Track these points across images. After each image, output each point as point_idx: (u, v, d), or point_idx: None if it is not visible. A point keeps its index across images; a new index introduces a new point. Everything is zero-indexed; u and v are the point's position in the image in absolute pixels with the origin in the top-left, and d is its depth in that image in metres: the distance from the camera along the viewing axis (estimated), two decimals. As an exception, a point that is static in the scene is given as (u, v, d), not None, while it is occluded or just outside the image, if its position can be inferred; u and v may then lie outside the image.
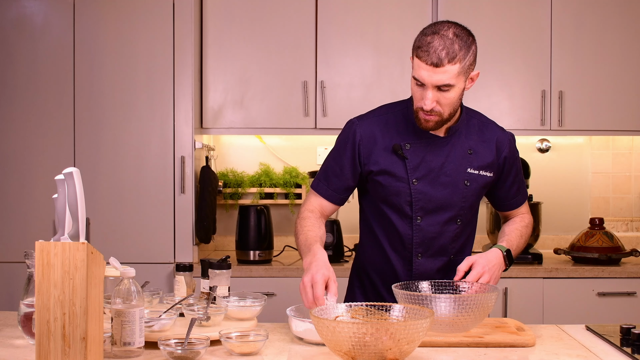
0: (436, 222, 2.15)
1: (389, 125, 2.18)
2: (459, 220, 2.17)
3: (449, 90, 2.01)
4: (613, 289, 3.36)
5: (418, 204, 2.13)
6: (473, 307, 1.82)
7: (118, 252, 3.22)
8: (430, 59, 1.98)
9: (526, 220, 2.33)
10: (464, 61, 2.00)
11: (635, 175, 3.98)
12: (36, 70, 3.35)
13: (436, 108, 2.04)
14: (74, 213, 1.61)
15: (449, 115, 2.08)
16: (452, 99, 2.03)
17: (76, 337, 1.54)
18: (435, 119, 2.06)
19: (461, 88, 2.04)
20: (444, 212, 2.15)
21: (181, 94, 3.35)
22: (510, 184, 2.27)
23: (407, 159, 2.13)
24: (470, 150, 2.17)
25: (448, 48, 1.97)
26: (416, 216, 2.14)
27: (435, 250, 2.17)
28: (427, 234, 2.15)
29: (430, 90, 2.01)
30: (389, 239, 2.19)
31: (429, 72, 1.99)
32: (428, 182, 2.13)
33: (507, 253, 2.14)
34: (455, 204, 2.15)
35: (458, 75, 2.00)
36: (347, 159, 2.19)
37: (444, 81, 1.99)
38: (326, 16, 3.56)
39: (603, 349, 1.84)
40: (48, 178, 3.27)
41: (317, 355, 1.74)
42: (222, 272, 2.07)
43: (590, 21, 3.59)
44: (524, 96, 3.59)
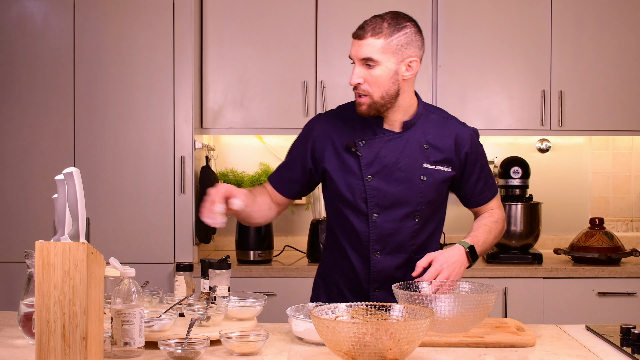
0: (392, 218, 2.14)
1: (346, 123, 2.19)
2: (417, 216, 2.16)
3: (375, 67, 2.04)
4: (613, 289, 3.36)
5: (373, 200, 2.13)
6: (473, 307, 1.82)
7: (118, 252, 3.21)
8: (358, 33, 2.06)
9: (496, 215, 2.29)
10: (391, 38, 2.03)
11: (635, 175, 3.98)
12: (36, 70, 3.35)
13: (363, 86, 2.06)
14: (74, 213, 1.61)
15: (381, 99, 2.07)
16: (378, 77, 2.05)
17: (76, 337, 1.54)
18: (366, 101, 2.07)
19: (390, 69, 2.05)
20: (400, 208, 2.14)
21: (181, 94, 3.35)
22: (475, 180, 2.24)
23: (360, 155, 2.13)
24: (427, 145, 2.15)
25: (376, 23, 2.05)
26: (372, 213, 2.14)
27: (393, 247, 2.16)
28: (384, 231, 2.15)
29: (357, 65, 2.06)
30: (348, 237, 2.19)
31: (355, 46, 2.07)
32: (382, 178, 2.13)
33: (470, 249, 2.12)
34: (411, 199, 2.14)
35: (383, 52, 2.03)
36: (299, 153, 2.22)
37: (366, 53, 2.03)
38: (326, 16, 3.56)
39: (603, 349, 1.84)
40: (48, 178, 3.27)
41: (317, 355, 1.74)
42: (222, 272, 2.07)
43: (590, 21, 3.59)
44: (524, 96, 3.59)
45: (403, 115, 2.14)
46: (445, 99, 3.60)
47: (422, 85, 3.57)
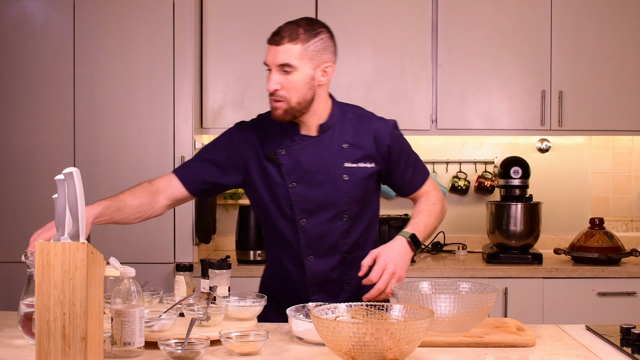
0: (320, 221, 2.15)
1: (266, 131, 2.20)
2: (345, 216, 2.16)
3: (292, 73, 2.05)
4: (613, 289, 3.36)
5: (299, 206, 2.14)
6: (473, 307, 1.82)
7: (118, 252, 3.21)
8: (274, 39, 2.06)
9: (432, 197, 2.27)
10: (307, 44, 2.05)
11: (635, 175, 3.98)
12: (36, 70, 3.35)
13: (280, 92, 2.06)
14: (74, 213, 1.61)
15: (298, 104, 2.08)
16: (296, 83, 2.06)
17: (76, 337, 1.54)
18: (283, 106, 2.08)
19: (307, 75, 2.07)
20: (326, 211, 2.15)
21: (181, 94, 3.35)
22: (403, 170, 2.24)
23: (282, 164, 2.15)
24: (346, 145, 2.16)
25: (292, 30, 2.06)
26: (299, 219, 2.15)
27: (325, 249, 2.17)
28: (313, 235, 2.16)
29: (274, 71, 2.06)
30: (280, 245, 2.21)
31: (271, 53, 2.06)
32: (305, 184, 2.14)
33: (411, 238, 2.11)
34: (336, 200, 2.15)
35: (301, 58, 2.04)
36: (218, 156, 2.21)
37: (283, 60, 2.04)
38: (326, 16, 3.56)
39: (603, 349, 1.84)
40: (48, 178, 3.27)
41: (317, 355, 1.74)
42: (222, 272, 2.07)
43: (590, 21, 3.59)
44: (524, 96, 3.59)
45: (319, 119, 2.16)
46: (445, 99, 3.60)
47: (422, 85, 3.58)
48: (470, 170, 3.93)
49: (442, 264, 3.49)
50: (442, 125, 3.60)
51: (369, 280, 2.05)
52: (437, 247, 3.83)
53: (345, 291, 2.21)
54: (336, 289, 2.21)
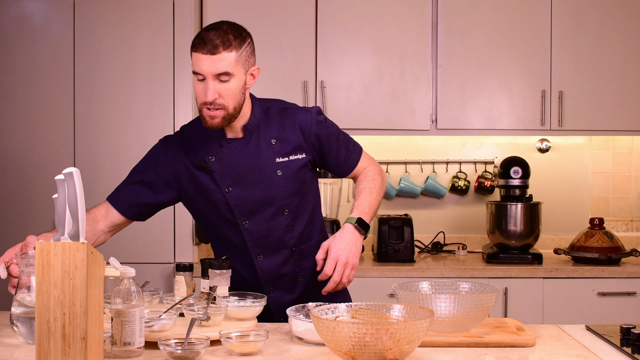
0: (262, 220, 2.16)
1: (191, 142, 2.19)
2: (286, 210, 2.17)
3: (229, 81, 2.04)
4: (613, 289, 3.36)
5: (238, 209, 2.15)
6: (473, 307, 1.82)
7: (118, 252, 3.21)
8: (207, 48, 2.01)
9: (370, 173, 2.27)
10: (240, 50, 2.05)
11: (635, 175, 3.98)
12: (36, 70, 3.35)
13: (219, 100, 2.05)
14: (74, 213, 1.61)
15: (234, 110, 2.09)
16: (233, 90, 2.05)
17: (76, 337, 1.54)
18: (221, 114, 2.07)
19: (242, 80, 2.07)
20: (266, 209, 2.16)
21: (181, 94, 3.35)
22: (336, 152, 2.24)
23: (213, 170, 2.15)
24: (274, 140, 2.17)
25: (223, 37, 2.02)
26: (241, 221, 2.16)
27: (272, 246, 2.19)
28: (258, 234, 2.17)
29: (210, 80, 2.03)
30: (228, 249, 2.21)
31: (207, 62, 2.02)
32: (241, 186, 2.14)
33: (358, 223, 2.12)
34: (274, 197, 2.15)
35: (236, 65, 2.04)
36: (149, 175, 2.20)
37: (222, 69, 2.02)
38: (326, 16, 3.56)
39: (603, 349, 1.84)
40: (48, 178, 3.27)
41: (317, 355, 1.74)
42: (222, 272, 2.07)
43: (590, 21, 3.59)
44: (524, 96, 3.59)
45: (243, 121, 2.16)
46: (445, 99, 3.60)
47: (422, 85, 3.58)
48: (470, 170, 3.93)
49: (442, 264, 3.49)
50: (442, 125, 3.60)
51: (324, 275, 2.06)
52: (437, 247, 3.83)
53: (299, 283, 2.23)
54: (290, 282, 2.22)
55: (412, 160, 3.91)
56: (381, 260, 3.51)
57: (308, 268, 2.22)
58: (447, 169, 3.93)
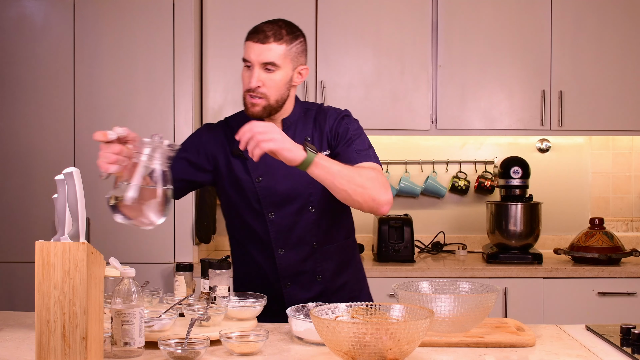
0: (287, 213, 2.17)
1: (232, 131, 2.19)
2: (312, 207, 2.18)
3: (275, 72, 2.08)
4: (613, 289, 3.36)
5: (265, 199, 2.17)
6: (473, 307, 1.82)
7: (118, 252, 3.22)
8: (258, 37, 2.08)
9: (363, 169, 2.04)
10: (290, 45, 2.10)
11: (635, 175, 3.98)
12: (36, 70, 3.35)
13: (262, 89, 2.09)
14: (74, 213, 1.61)
15: (276, 102, 2.12)
16: (277, 81, 2.09)
17: (76, 337, 1.54)
18: (262, 102, 2.10)
19: (288, 75, 2.11)
20: (292, 203, 2.17)
21: (181, 94, 3.35)
22: (343, 149, 2.15)
23: (247, 159, 2.17)
24: (308, 137, 2.20)
25: (275, 29, 2.09)
26: (267, 212, 2.17)
27: (295, 241, 2.19)
28: (281, 227, 2.18)
29: (257, 68, 2.08)
30: (250, 240, 2.22)
31: (256, 50, 2.08)
32: (271, 178, 2.16)
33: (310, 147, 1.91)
34: (301, 192, 2.16)
35: (284, 58, 2.09)
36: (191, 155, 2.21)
37: (269, 58, 2.06)
38: (326, 16, 3.56)
39: (603, 349, 1.84)
40: (48, 178, 3.27)
41: (317, 355, 1.74)
42: (222, 272, 2.07)
43: (590, 21, 3.59)
44: (524, 96, 3.59)
45: (284, 115, 2.20)
46: (445, 99, 3.60)
47: (422, 85, 3.58)
48: (470, 170, 3.93)
49: (442, 264, 3.49)
50: (442, 125, 3.60)
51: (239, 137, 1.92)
52: (437, 247, 3.83)
53: (317, 282, 2.22)
54: (308, 280, 2.22)
55: (412, 160, 3.91)
56: (381, 260, 3.51)
57: (329, 270, 2.22)
58: (447, 169, 3.93)
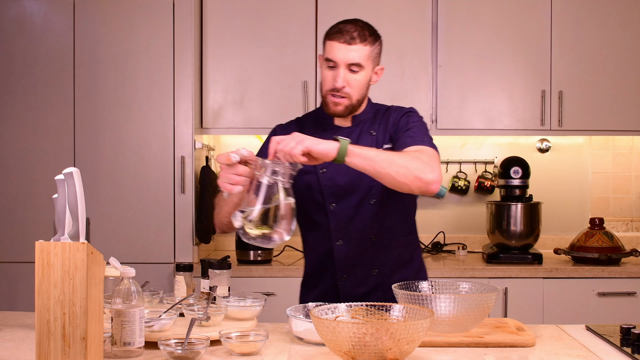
0: (348, 205, 2.19)
1: (303, 127, 2.27)
2: (373, 200, 2.19)
3: (359, 72, 2.13)
4: (613, 289, 3.36)
5: (327, 190, 2.20)
6: (473, 307, 1.82)
7: (118, 252, 3.22)
8: (344, 38, 2.12)
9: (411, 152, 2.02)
10: (373, 46, 2.15)
11: (635, 175, 3.98)
12: (36, 70, 3.35)
13: (346, 89, 2.13)
14: (74, 213, 1.61)
15: (357, 102, 2.17)
16: (360, 82, 2.14)
17: (76, 337, 1.54)
18: (345, 102, 2.15)
19: (369, 75, 2.16)
20: (354, 195, 2.19)
21: (181, 94, 3.35)
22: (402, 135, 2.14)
23: None
24: (373, 132, 2.23)
25: (360, 30, 2.14)
26: (329, 203, 2.20)
27: (353, 234, 2.20)
28: (342, 218, 2.20)
29: (342, 69, 2.12)
30: (311, 231, 2.26)
31: (342, 51, 2.11)
32: (334, 169, 2.19)
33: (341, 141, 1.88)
34: (364, 185, 2.18)
35: (367, 59, 2.13)
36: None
37: (355, 59, 2.11)
38: (326, 16, 3.56)
39: (603, 349, 1.84)
40: (48, 178, 3.27)
41: (317, 355, 1.74)
42: (222, 272, 2.07)
43: (590, 21, 3.59)
44: (524, 96, 3.59)
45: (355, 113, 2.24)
46: (445, 99, 3.60)
47: (422, 85, 3.58)
48: (470, 170, 3.93)
49: (442, 264, 3.49)
50: (442, 125, 3.60)
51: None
52: (437, 247, 3.83)
53: (373, 276, 2.23)
54: (364, 274, 2.22)
55: (412, 160, 3.90)
56: (381, 260, 3.51)
57: (386, 264, 2.23)
58: (447, 169, 3.93)
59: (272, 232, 1.81)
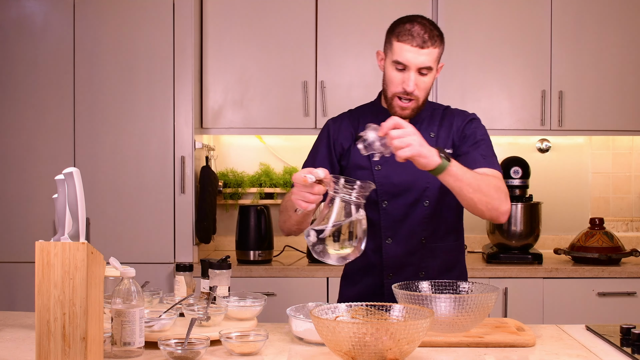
0: (402, 204, 2.19)
1: (358, 121, 2.28)
2: (427, 201, 2.19)
3: (428, 75, 2.13)
4: (613, 289, 3.36)
5: (382, 188, 2.19)
6: (473, 307, 1.82)
7: (118, 252, 3.22)
8: (416, 41, 2.09)
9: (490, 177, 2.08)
10: (441, 47, 2.14)
11: (635, 175, 3.98)
12: (36, 70, 3.35)
13: (415, 92, 2.12)
14: (74, 213, 1.61)
15: (423, 103, 2.17)
16: (428, 84, 2.14)
17: (76, 337, 1.54)
18: (412, 105, 2.15)
19: (434, 75, 2.16)
20: (408, 195, 2.19)
21: (181, 94, 3.35)
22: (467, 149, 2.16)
23: None
24: (433, 134, 2.22)
25: (430, 32, 2.11)
26: (382, 201, 2.19)
27: (404, 233, 2.20)
28: (394, 217, 2.20)
29: (413, 72, 2.10)
30: None
31: (414, 54, 2.09)
32: (390, 167, 2.18)
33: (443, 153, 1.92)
34: (418, 185, 2.18)
35: (436, 61, 2.13)
36: (324, 155, 2.26)
37: (427, 63, 2.10)
38: (326, 16, 3.56)
39: (603, 349, 1.84)
40: (48, 178, 3.27)
41: (317, 355, 1.74)
42: (222, 272, 2.07)
43: (590, 21, 3.59)
44: (524, 96, 3.59)
45: None
46: (445, 99, 3.59)
47: (422, 85, 3.57)
48: (470, 170, 3.92)
49: (442, 264, 3.49)
50: (442, 125, 3.60)
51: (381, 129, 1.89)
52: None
53: (420, 278, 2.22)
54: (411, 275, 2.22)
55: (412, 160, 3.90)
56: (381, 260, 3.51)
57: (433, 267, 2.22)
58: (447, 169, 3.92)
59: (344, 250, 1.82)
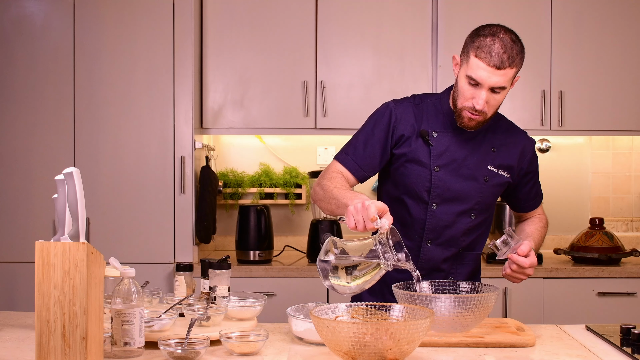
0: (451, 211, 2.18)
1: (422, 112, 2.22)
2: (473, 214, 2.20)
3: (500, 93, 2.08)
4: (613, 289, 3.36)
5: (436, 190, 2.17)
6: (473, 307, 1.82)
7: (118, 252, 3.22)
8: (493, 61, 2.02)
9: (544, 221, 2.37)
10: (519, 66, 2.07)
11: (635, 175, 3.98)
12: (36, 70, 3.35)
13: (484, 108, 2.08)
14: (74, 213, 1.61)
15: (491, 117, 2.15)
16: (499, 101, 2.10)
17: (76, 337, 1.54)
18: (479, 119, 2.12)
19: (508, 91, 2.11)
20: (459, 203, 2.18)
21: (181, 94, 3.35)
22: (530, 187, 2.32)
23: (432, 145, 2.17)
24: (494, 149, 2.21)
25: (509, 52, 2.02)
26: (432, 202, 2.18)
27: (446, 239, 2.20)
28: (440, 222, 2.19)
29: (485, 90, 2.06)
30: (402, 225, 2.20)
31: (488, 74, 2.03)
32: (449, 172, 2.17)
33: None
34: (472, 197, 2.18)
35: (510, 79, 2.07)
36: (379, 139, 2.20)
37: (500, 83, 2.04)
38: (326, 16, 3.56)
39: (603, 349, 1.84)
40: (48, 178, 3.27)
41: (317, 355, 1.74)
42: (222, 272, 2.07)
43: (590, 21, 3.59)
44: (524, 96, 3.59)
45: None
46: (445, 99, 3.59)
47: (422, 85, 3.57)
48: (470, 170, 3.92)
49: (442, 264, 3.49)
50: (442, 125, 3.60)
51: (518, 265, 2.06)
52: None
53: None
54: (441, 279, 2.20)
55: (412, 160, 3.90)
56: (381, 260, 3.50)
57: (461, 275, 2.24)
58: (447, 169, 3.92)
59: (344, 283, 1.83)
